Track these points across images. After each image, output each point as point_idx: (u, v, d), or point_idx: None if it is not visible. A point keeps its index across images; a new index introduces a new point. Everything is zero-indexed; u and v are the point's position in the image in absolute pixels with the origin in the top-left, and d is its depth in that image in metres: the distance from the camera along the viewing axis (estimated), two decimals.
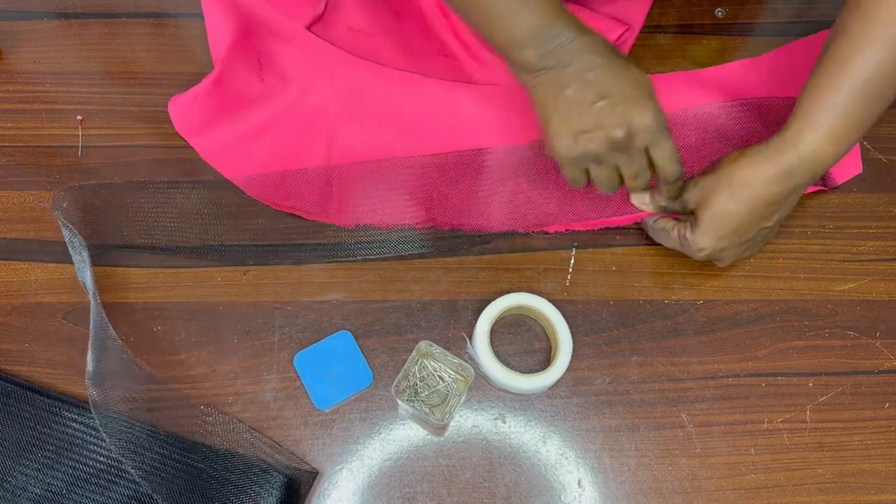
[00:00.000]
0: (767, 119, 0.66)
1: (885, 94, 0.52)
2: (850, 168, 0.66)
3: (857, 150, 0.67)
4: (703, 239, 0.56)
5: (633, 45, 0.72)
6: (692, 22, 0.74)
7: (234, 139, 0.65)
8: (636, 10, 0.73)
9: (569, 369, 0.57)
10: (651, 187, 0.59)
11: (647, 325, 0.61)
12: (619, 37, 0.70)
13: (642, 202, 0.61)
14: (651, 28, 0.73)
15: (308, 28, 0.68)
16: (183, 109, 0.66)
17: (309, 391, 0.57)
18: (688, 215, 0.59)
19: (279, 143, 0.66)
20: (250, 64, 0.68)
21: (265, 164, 0.65)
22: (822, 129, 0.52)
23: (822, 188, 0.66)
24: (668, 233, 0.60)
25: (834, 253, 0.64)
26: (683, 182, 0.58)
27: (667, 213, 0.60)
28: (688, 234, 0.58)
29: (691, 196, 0.57)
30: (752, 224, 0.56)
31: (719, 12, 0.74)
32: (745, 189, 0.54)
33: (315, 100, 0.67)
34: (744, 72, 0.70)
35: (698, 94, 0.68)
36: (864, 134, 0.54)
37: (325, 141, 0.66)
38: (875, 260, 0.64)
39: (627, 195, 0.61)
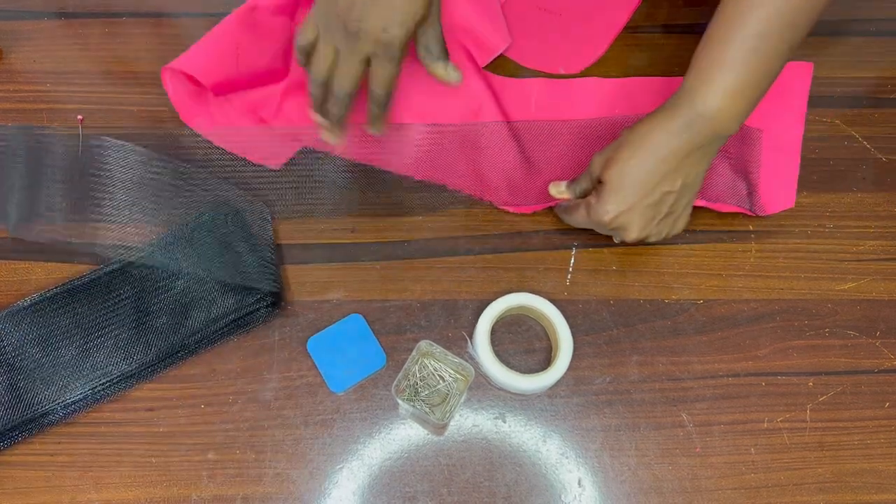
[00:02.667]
0: None
1: (778, 48, 0.52)
2: (783, 200, 0.64)
3: (793, 181, 0.64)
4: (608, 200, 0.56)
5: (633, 46, 0.72)
6: (693, 21, 0.74)
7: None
8: None
9: (569, 369, 0.57)
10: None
11: (648, 325, 0.61)
12: None
13: (559, 191, 0.61)
14: (652, 27, 0.73)
15: None
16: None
17: (323, 374, 0.57)
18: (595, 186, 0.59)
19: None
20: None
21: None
22: (715, 84, 0.53)
23: (748, 212, 0.63)
24: (576, 208, 0.59)
25: (834, 252, 0.64)
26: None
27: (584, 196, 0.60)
28: (592, 201, 0.57)
29: (596, 163, 0.57)
30: (655, 182, 0.55)
31: None
32: (645, 141, 0.55)
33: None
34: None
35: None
36: (762, 93, 0.54)
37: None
38: (875, 259, 0.64)
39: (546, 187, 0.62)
